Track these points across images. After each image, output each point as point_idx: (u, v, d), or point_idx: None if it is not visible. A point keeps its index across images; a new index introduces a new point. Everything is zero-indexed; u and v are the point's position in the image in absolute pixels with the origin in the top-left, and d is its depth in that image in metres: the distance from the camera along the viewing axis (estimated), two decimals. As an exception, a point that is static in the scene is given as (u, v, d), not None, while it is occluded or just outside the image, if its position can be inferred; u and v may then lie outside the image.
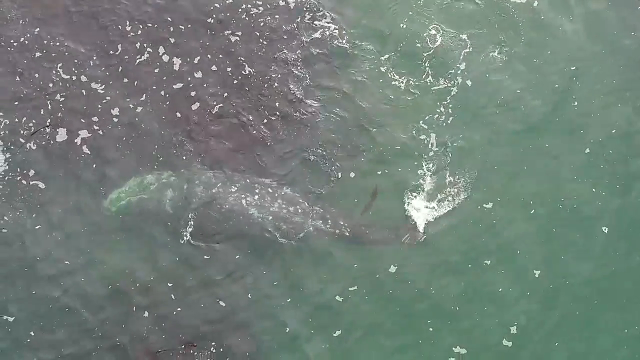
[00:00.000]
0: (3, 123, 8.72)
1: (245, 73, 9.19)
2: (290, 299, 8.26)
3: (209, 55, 9.21)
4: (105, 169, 8.62)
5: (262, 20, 9.44)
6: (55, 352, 7.90)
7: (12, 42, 9.07)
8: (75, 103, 8.88)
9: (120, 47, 9.16)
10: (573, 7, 9.74)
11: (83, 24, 9.25)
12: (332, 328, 8.15)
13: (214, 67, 9.18)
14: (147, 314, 8.11)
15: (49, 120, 8.77)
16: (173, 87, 9.06)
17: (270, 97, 9.09)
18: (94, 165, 8.63)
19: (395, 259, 8.43)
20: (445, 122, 9.05)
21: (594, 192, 8.82)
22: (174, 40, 9.24)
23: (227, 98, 9.05)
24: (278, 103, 9.07)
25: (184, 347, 8.03)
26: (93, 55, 9.08)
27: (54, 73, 8.98)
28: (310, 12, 9.55)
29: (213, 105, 9.00)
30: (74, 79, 8.98)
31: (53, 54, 9.07)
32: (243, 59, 9.24)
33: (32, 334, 7.95)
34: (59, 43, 9.12)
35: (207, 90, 9.06)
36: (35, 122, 8.75)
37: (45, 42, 9.11)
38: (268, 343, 8.11)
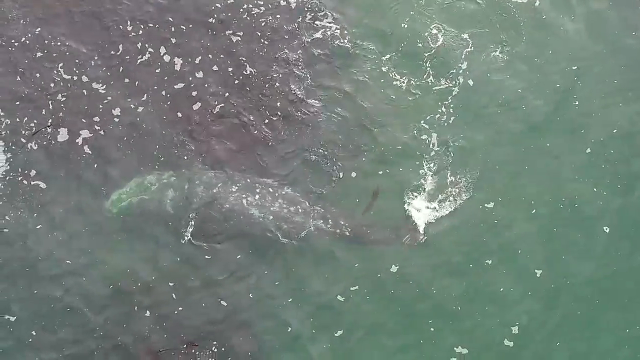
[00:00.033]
0: (4, 123, 8.72)
1: (247, 73, 9.18)
2: (292, 299, 8.26)
3: (210, 55, 9.21)
4: (107, 169, 8.63)
5: (263, 20, 9.43)
6: (57, 351, 7.91)
7: (13, 42, 9.07)
8: (77, 103, 8.88)
9: (122, 47, 9.16)
10: (574, 6, 9.73)
11: (84, 24, 9.25)
12: (333, 328, 8.16)
13: (215, 67, 9.18)
14: (148, 314, 8.11)
15: (50, 121, 8.77)
16: (174, 87, 9.06)
17: (272, 97, 9.09)
18: (95, 165, 8.63)
19: (397, 259, 8.43)
20: (447, 122, 9.05)
21: (595, 191, 8.82)
22: (175, 40, 9.23)
23: (228, 98, 9.05)
24: (279, 103, 9.07)
25: (186, 346, 8.03)
26: (94, 55, 9.08)
27: (55, 73, 8.98)
28: (312, 12, 9.54)
29: (214, 105, 9.00)
30: (75, 79, 8.98)
31: (54, 54, 9.07)
32: (244, 59, 9.24)
33: (33, 334, 7.95)
34: (60, 43, 9.12)
35: (208, 90, 9.06)
36: (37, 122, 8.76)
37: (47, 42, 9.11)
38: (270, 342, 8.12)
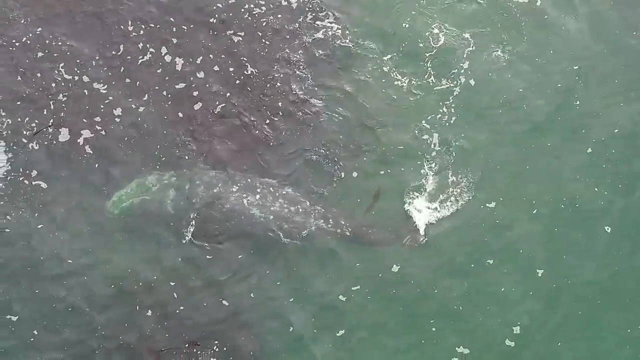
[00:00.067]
0: (6, 123, 8.72)
1: (248, 73, 9.17)
2: (294, 299, 8.27)
3: (211, 56, 9.20)
4: (108, 169, 8.63)
5: (264, 20, 9.42)
6: (59, 351, 7.93)
7: (14, 42, 9.06)
8: (78, 103, 8.87)
9: (123, 47, 9.14)
10: (576, 6, 9.69)
11: (85, 24, 9.23)
12: (335, 327, 8.18)
13: (216, 67, 9.17)
14: (150, 313, 8.13)
15: (52, 121, 8.77)
16: (175, 87, 9.05)
17: (273, 97, 9.08)
18: (97, 165, 8.63)
19: (398, 259, 8.44)
20: (448, 121, 9.04)
21: (597, 191, 8.81)
22: (177, 41, 9.21)
23: (229, 98, 9.04)
24: (280, 103, 9.06)
25: (188, 346, 8.05)
26: (95, 56, 9.06)
27: (56, 73, 8.97)
28: (313, 12, 9.52)
29: (215, 106, 8.99)
30: (76, 79, 8.98)
31: (55, 54, 9.06)
32: (245, 59, 9.23)
33: (35, 333, 7.97)
34: (61, 43, 9.11)
35: (209, 91, 9.05)
36: (38, 122, 8.75)
37: (47, 42, 9.09)
38: (271, 342, 8.13)
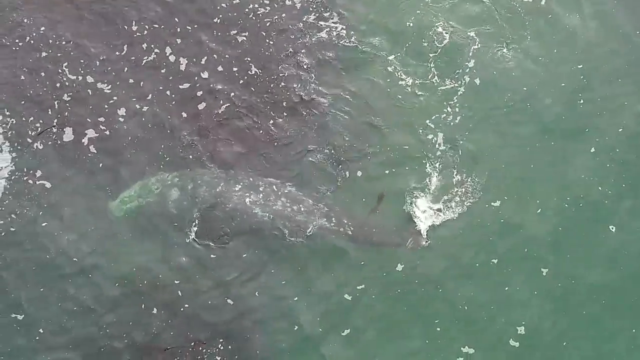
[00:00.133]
0: (10, 123, 8.72)
1: (252, 73, 9.17)
2: (299, 298, 8.28)
3: (216, 56, 9.19)
4: (112, 169, 8.64)
5: (268, 20, 9.41)
6: (65, 350, 7.96)
7: (17, 42, 9.06)
8: (82, 103, 8.87)
9: (127, 47, 9.14)
10: (581, 5, 9.64)
11: (89, 24, 9.22)
12: (341, 327, 8.19)
13: (221, 67, 9.16)
14: (156, 312, 8.15)
15: (56, 120, 8.77)
16: (179, 87, 9.05)
17: (277, 97, 9.08)
18: (101, 165, 8.64)
19: (403, 259, 8.44)
20: (453, 121, 9.02)
21: (601, 191, 8.80)
22: (181, 41, 9.21)
23: (233, 98, 9.04)
24: (285, 103, 9.06)
25: (193, 345, 8.06)
26: (100, 56, 9.06)
27: (60, 73, 8.97)
28: (317, 11, 9.51)
29: (219, 106, 8.99)
30: (81, 79, 8.98)
31: (59, 54, 9.05)
32: (249, 59, 9.22)
33: (41, 332, 7.99)
34: (66, 43, 9.11)
35: (213, 91, 9.04)
36: (42, 122, 8.76)
37: (51, 41, 9.09)
38: (277, 341, 8.15)
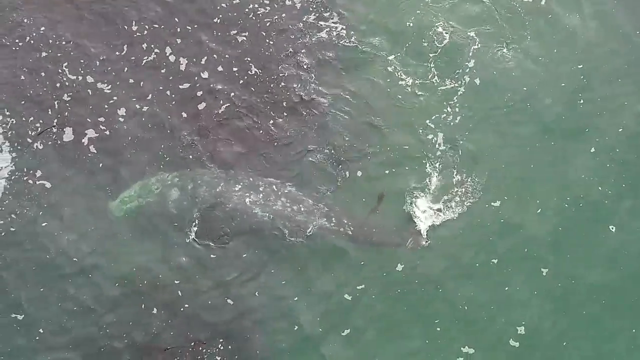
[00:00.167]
0: (10, 123, 8.72)
1: (252, 73, 9.17)
2: (299, 298, 8.28)
3: (216, 56, 9.19)
4: (112, 169, 8.64)
5: (268, 20, 9.41)
6: (64, 349, 7.97)
7: (17, 41, 9.06)
8: (82, 103, 8.87)
9: (127, 47, 9.14)
10: (581, 5, 9.64)
11: (89, 24, 9.22)
12: (341, 327, 8.19)
13: (221, 67, 9.17)
14: (156, 312, 8.15)
15: (56, 120, 8.77)
16: (179, 87, 9.05)
17: (277, 97, 9.08)
18: (101, 165, 8.64)
19: (403, 258, 8.45)
20: (453, 121, 9.03)
21: (601, 191, 8.81)
22: (181, 41, 9.21)
23: (233, 98, 9.04)
24: (285, 103, 9.06)
25: (193, 345, 8.06)
26: (100, 56, 9.06)
27: (60, 73, 8.97)
28: (317, 11, 9.51)
29: (219, 106, 8.99)
30: (81, 79, 8.98)
31: (59, 54, 9.05)
32: (249, 59, 9.23)
33: (41, 332, 8.00)
34: (65, 43, 9.11)
35: (213, 91, 9.05)
36: (42, 122, 8.76)
37: (51, 41, 9.09)
38: (277, 341, 8.16)
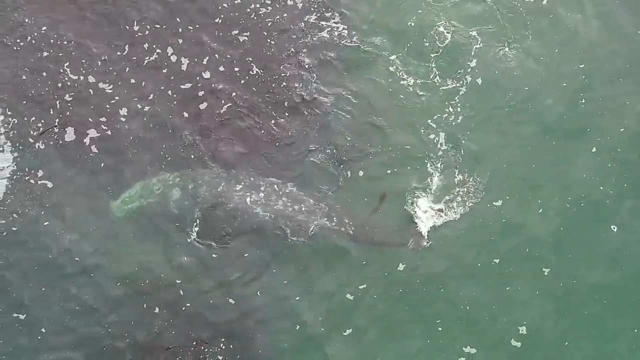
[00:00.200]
0: (12, 123, 8.73)
1: (253, 73, 9.17)
2: (300, 297, 8.29)
3: (217, 56, 9.20)
4: (114, 169, 8.66)
5: (270, 20, 9.42)
6: (66, 349, 7.99)
7: (19, 41, 9.06)
8: (84, 103, 8.88)
9: (129, 47, 9.14)
10: (582, 5, 9.65)
11: (91, 24, 9.23)
12: (342, 327, 8.21)
13: (222, 67, 9.17)
14: (158, 311, 8.16)
15: (58, 120, 8.78)
16: (181, 87, 9.05)
17: (279, 97, 9.08)
18: (102, 165, 8.65)
19: (405, 258, 8.46)
20: (455, 121, 9.03)
21: (603, 190, 8.82)
22: (182, 41, 9.21)
23: (235, 98, 9.04)
24: (286, 103, 9.06)
25: (195, 344, 8.07)
26: (101, 56, 9.07)
27: (62, 73, 8.98)
28: (318, 11, 9.51)
29: (221, 106, 8.99)
30: (82, 79, 8.98)
31: (61, 54, 9.06)
32: (251, 59, 9.23)
33: (43, 331, 8.02)
34: (67, 42, 9.11)
35: (215, 91, 9.05)
36: (44, 122, 8.78)
37: (53, 41, 9.10)
38: (279, 341, 8.17)
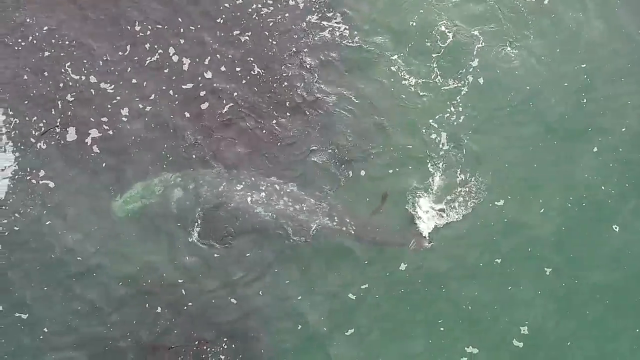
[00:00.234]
0: (13, 123, 8.73)
1: (255, 73, 9.18)
2: (303, 297, 8.31)
3: (219, 56, 9.20)
4: (116, 169, 8.66)
5: (271, 20, 9.42)
6: (69, 349, 8.01)
7: (20, 41, 9.06)
8: (85, 103, 8.88)
9: (130, 47, 9.14)
10: (584, 4, 9.66)
11: (93, 24, 9.22)
12: (344, 327, 8.23)
13: (224, 67, 9.17)
14: (160, 311, 8.17)
15: (59, 120, 8.78)
16: (182, 87, 9.06)
17: (280, 97, 9.08)
18: (104, 165, 8.66)
19: (406, 258, 8.48)
20: (457, 121, 9.04)
21: (604, 190, 8.83)
22: (184, 41, 9.22)
23: (236, 98, 9.05)
24: (288, 103, 9.06)
25: (198, 344, 8.07)
26: (103, 56, 9.07)
27: (64, 73, 8.98)
28: (320, 11, 9.51)
29: (223, 106, 9.00)
30: (84, 79, 8.98)
31: (62, 54, 9.06)
32: (252, 59, 9.23)
33: (45, 331, 8.03)
34: (68, 42, 9.11)
35: (216, 91, 9.05)
36: (46, 122, 8.78)
37: (54, 41, 9.09)
38: (281, 341, 8.20)
